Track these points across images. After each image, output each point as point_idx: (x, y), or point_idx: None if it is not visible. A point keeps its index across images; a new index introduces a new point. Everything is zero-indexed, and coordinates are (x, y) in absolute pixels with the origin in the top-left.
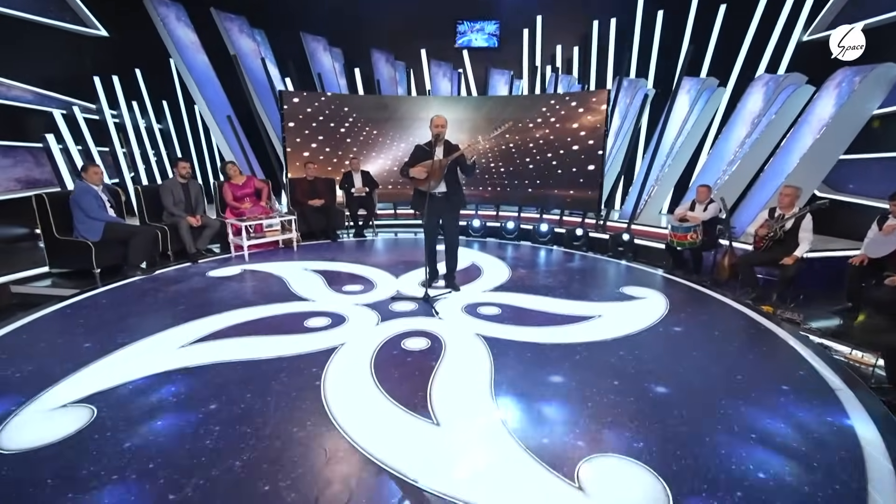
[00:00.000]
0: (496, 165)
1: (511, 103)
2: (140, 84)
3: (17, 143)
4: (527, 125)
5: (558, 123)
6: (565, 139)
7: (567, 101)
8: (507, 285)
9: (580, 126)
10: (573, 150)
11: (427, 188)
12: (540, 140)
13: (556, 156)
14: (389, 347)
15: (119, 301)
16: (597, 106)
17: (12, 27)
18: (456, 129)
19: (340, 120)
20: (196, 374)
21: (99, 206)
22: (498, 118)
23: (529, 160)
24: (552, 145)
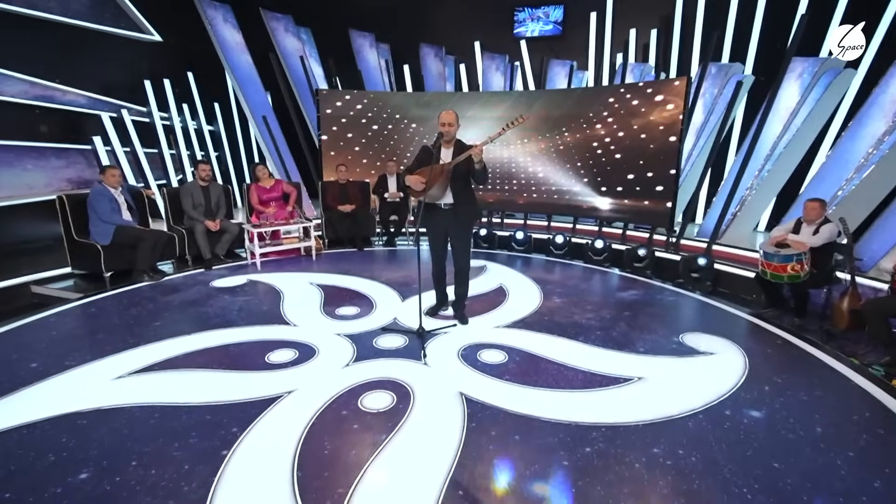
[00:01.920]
0: (546, 169)
1: (569, 97)
2: (191, 87)
3: (69, 145)
4: (589, 121)
5: (625, 119)
6: (633, 138)
7: (636, 93)
8: (529, 320)
9: (652, 122)
10: (642, 150)
11: (424, 199)
12: (602, 139)
13: (621, 158)
14: (343, 403)
15: (102, 312)
16: (674, 97)
17: (70, 35)
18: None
19: (381, 119)
20: (100, 421)
21: (112, 210)
22: (552, 115)
23: (588, 163)
24: (616, 145)
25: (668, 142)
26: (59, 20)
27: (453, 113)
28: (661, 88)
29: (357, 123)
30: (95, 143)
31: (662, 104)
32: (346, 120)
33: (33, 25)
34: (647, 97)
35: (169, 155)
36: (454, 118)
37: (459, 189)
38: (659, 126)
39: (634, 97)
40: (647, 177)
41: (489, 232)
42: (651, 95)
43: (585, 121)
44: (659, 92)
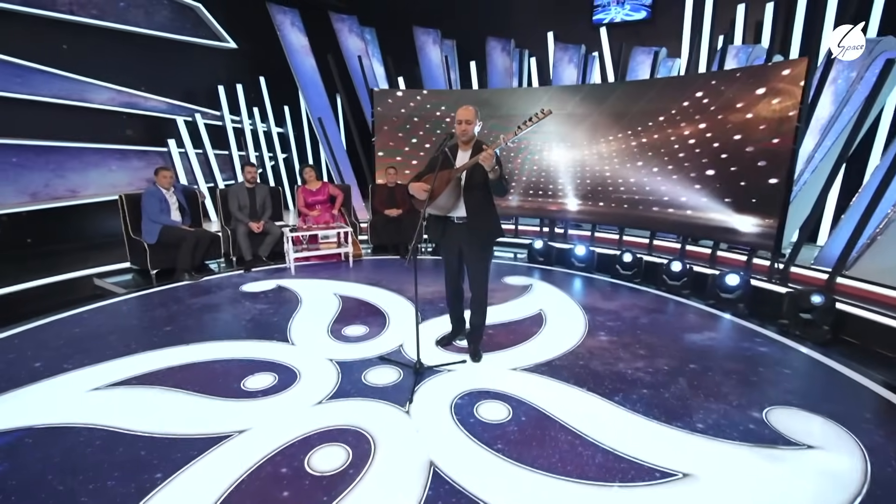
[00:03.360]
0: (617, 174)
1: (650, 88)
2: (263, 91)
3: (148, 147)
4: (670, 118)
5: (720, 113)
6: (729, 137)
7: (737, 81)
8: (559, 363)
9: (756, 116)
10: (741, 152)
11: (425, 210)
12: (685, 139)
13: (713, 161)
14: (287, 457)
15: (129, 311)
16: (788, 85)
17: (154, 46)
18: (570, 126)
19: (434, 119)
20: (44, 442)
21: (160, 210)
22: (627, 111)
23: (667, 168)
24: (707, 146)
25: (777, 142)
26: (145, 32)
27: (472, 109)
28: (767, 75)
29: (410, 123)
30: (170, 145)
31: (768, 95)
32: (399, 119)
33: (122, 38)
34: (746, 86)
35: (238, 157)
36: (473, 115)
37: (475, 201)
38: (761, 122)
39: (730, 86)
40: (741, 185)
41: (546, 245)
42: (753, 84)
43: (667, 118)
44: (765, 79)
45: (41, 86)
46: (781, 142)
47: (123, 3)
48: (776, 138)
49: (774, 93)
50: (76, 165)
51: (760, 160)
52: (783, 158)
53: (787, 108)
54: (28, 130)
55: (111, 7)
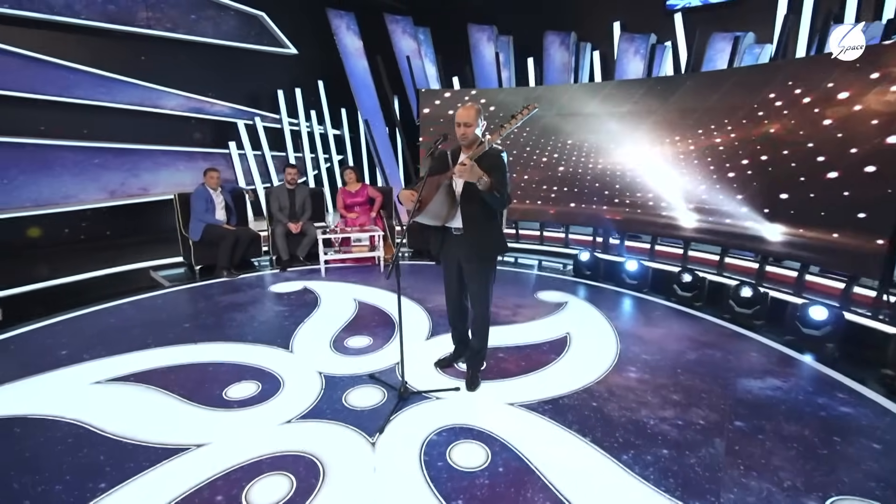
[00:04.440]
0: (684, 180)
1: (724, 81)
2: (321, 94)
3: (213, 149)
4: (751, 113)
5: (814, 108)
6: (828, 136)
7: (835, 67)
8: (567, 401)
9: (866, 109)
10: (843, 154)
11: (410, 219)
12: (770, 139)
13: (801, 167)
14: (228, 484)
15: (163, 305)
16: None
17: (221, 54)
18: (629, 125)
19: (485, 120)
20: (29, 433)
21: (206, 210)
22: (698, 106)
23: (745, 173)
24: (794, 148)
25: (890, 141)
26: (213, 42)
27: (472, 109)
28: (885, 56)
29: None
30: (231, 147)
31: (884, 81)
32: (445, 120)
33: (192, 48)
34: (853, 71)
35: (294, 158)
36: (473, 116)
37: (472, 211)
38: (872, 116)
39: (827, 76)
40: (844, 196)
41: (592, 257)
42: (863, 68)
43: (748, 113)
44: (881, 61)
45: (121, 94)
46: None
47: (194, 15)
48: (884, 137)
49: (890, 81)
50: (149, 166)
51: (869, 164)
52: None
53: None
54: (109, 134)
55: (183, 20)
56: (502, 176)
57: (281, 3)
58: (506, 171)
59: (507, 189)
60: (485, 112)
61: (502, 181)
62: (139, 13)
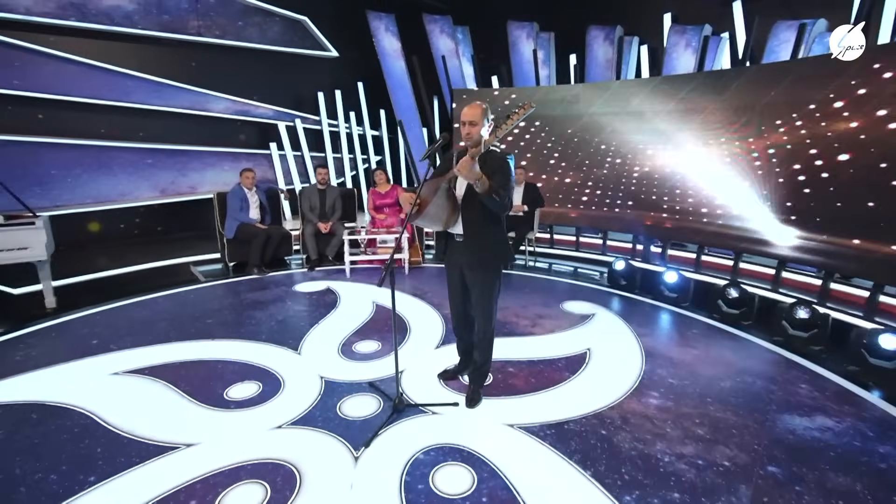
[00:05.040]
0: (732, 183)
1: (785, 74)
2: (360, 96)
3: (256, 150)
4: (807, 114)
5: (875, 107)
6: (884, 139)
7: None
8: (571, 426)
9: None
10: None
11: (406, 223)
12: (827, 141)
13: (870, 171)
14: (204, 489)
15: (193, 300)
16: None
17: (266, 59)
18: (676, 123)
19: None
20: (43, 419)
21: (240, 209)
22: (753, 103)
23: (796, 179)
24: (861, 150)
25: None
26: (258, 47)
27: (477, 108)
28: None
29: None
30: (272, 148)
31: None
32: None
33: (239, 53)
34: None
35: (332, 158)
36: (478, 115)
37: (473, 217)
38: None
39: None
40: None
41: (628, 265)
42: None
43: (803, 113)
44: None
45: (173, 98)
46: None
47: (241, 22)
48: None
49: None
50: (197, 166)
51: None
52: None
53: None
54: (161, 136)
55: (231, 27)
56: (505, 180)
57: (323, 7)
58: (509, 176)
59: (508, 193)
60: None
61: (504, 185)
62: (191, 22)
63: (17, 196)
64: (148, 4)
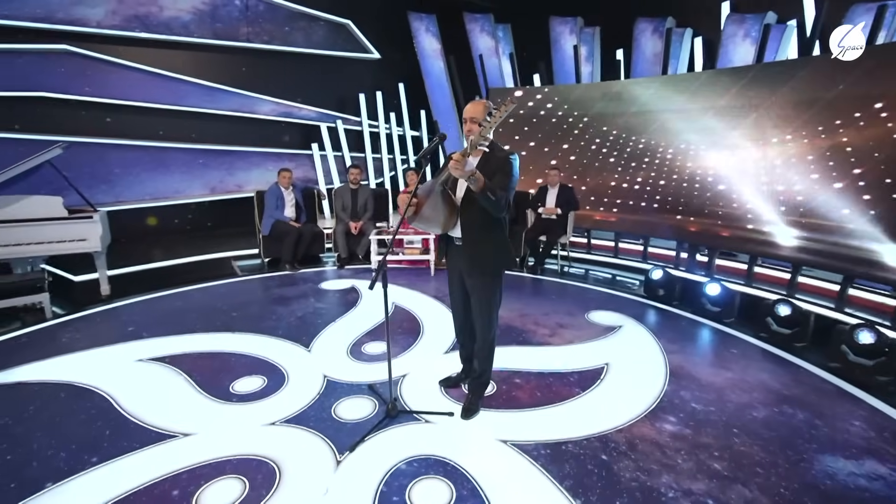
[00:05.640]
0: (792, 187)
1: (857, 63)
2: (401, 97)
3: (299, 151)
4: (892, 104)
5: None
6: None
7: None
8: (570, 447)
9: None
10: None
11: (399, 223)
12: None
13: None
14: (191, 479)
15: (221, 293)
16: None
17: (310, 62)
18: (726, 121)
19: (556, 118)
20: (70, 399)
21: (276, 207)
22: (818, 97)
23: (881, 180)
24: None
25: None
26: (303, 51)
27: (480, 104)
28: None
29: (527, 123)
30: (313, 148)
31: None
32: (514, 120)
33: (285, 58)
34: None
35: (372, 159)
36: (481, 112)
37: (472, 221)
38: None
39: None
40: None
41: (666, 275)
42: None
43: (890, 104)
44: None
45: (223, 101)
46: None
47: (288, 27)
48: None
49: None
50: (243, 165)
51: None
52: None
53: None
54: (211, 137)
55: (279, 32)
56: (507, 179)
57: (366, 10)
58: (512, 175)
59: (507, 194)
60: (558, 111)
61: (505, 184)
62: (241, 29)
63: (82, 193)
64: (203, 14)
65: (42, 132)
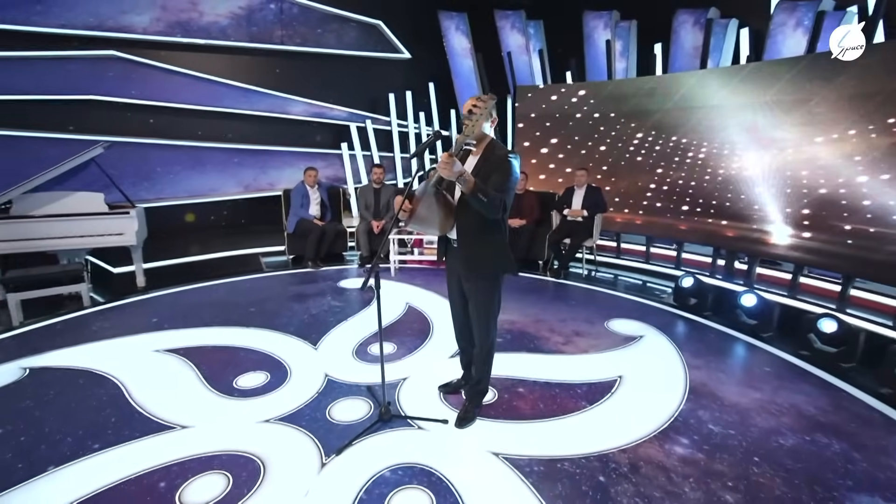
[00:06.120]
0: (846, 189)
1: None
2: (431, 96)
3: (329, 150)
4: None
5: None
6: None
7: None
8: (565, 466)
9: None
10: None
11: (391, 224)
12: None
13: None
14: (179, 471)
15: (244, 288)
16: None
17: (342, 63)
18: (771, 117)
19: (585, 116)
20: (88, 386)
21: (301, 205)
22: (876, 90)
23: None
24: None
25: None
26: (335, 52)
27: (484, 101)
28: None
29: (553, 121)
30: (343, 148)
31: None
32: (541, 118)
33: (317, 59)
34: None
35: (400, 158)
36: (478, 108)
37: (468, 223)
38: None
39: None
40: None
41: (696, 283)
42: None
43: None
44: None
45: (257, 103)
46: None
47: (320, 29)
48: None
49: None
50: (276, 164)
51: None
52: None
53: None
54: (246, 137)
55: (311, 34)
56: (504, 179)
57: (397, 10)
58: (508, 175)
59: (501, 195)
60: (586, 108)
61: (501, 185)
62: (276, 32)
63: (122, 190)
64: (239, 18)
65: (93, 133)
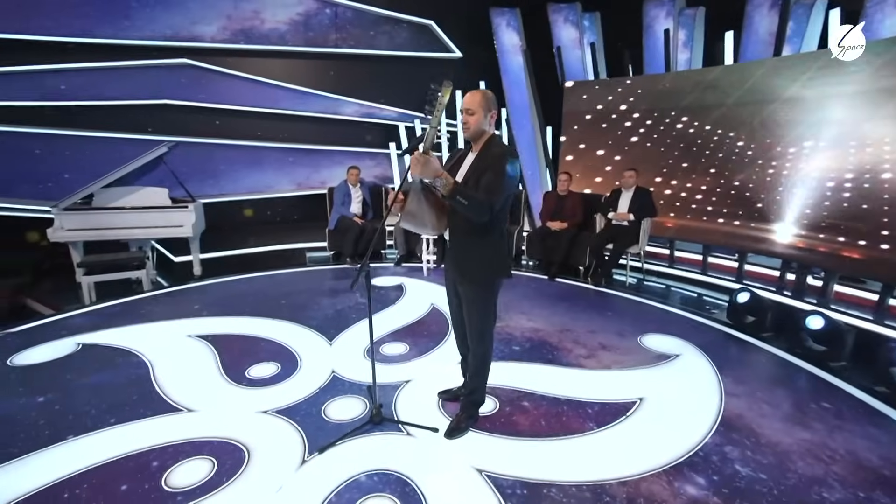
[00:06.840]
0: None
1: None
2: None
3: (378, 150)
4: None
5: None
6: None
7: None
8: (554, 495)
9: None
10: None
11: (383, 222)
12: None
13: None
14: (171, 454)
15: (282, 281)
16: None
17: (393, 64)
18: (858, 110)
19: (639, 113)
20: (121, 366)
21: (342, 203)
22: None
23: None
24: None
25: None
26: (387, 54)
27: (478, 95)
28: None
29: (606, 120)
30: (390, 147)
31: None
32: (592, 116)
33: (370, 60)
34: None
35: (447, 158)
36: (477, 103)
37: (460, 223)
38: None
39: None
40: None
41: (753, 298)
42: None
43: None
44: None
45: (312, 104)
46: None
47: (373, 31)
48: None
49: None
50: (327, 163)
51: None
52: None
53: None
54: (300, 137)
55: (364, 36)
56: (496, 180)
57: (448, 9)
58: (502, 177)
59: (493, 197)
60: (641, 105)
61: (493, 186)
62: (330, 35)
63: (185, 185)
64: (297, 24)
65: (167, 134)
